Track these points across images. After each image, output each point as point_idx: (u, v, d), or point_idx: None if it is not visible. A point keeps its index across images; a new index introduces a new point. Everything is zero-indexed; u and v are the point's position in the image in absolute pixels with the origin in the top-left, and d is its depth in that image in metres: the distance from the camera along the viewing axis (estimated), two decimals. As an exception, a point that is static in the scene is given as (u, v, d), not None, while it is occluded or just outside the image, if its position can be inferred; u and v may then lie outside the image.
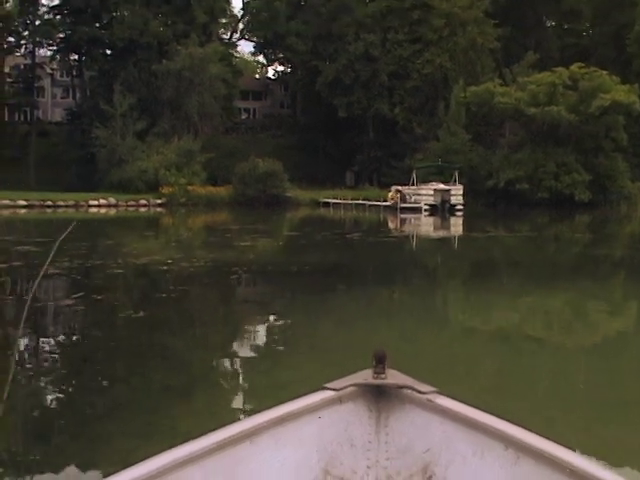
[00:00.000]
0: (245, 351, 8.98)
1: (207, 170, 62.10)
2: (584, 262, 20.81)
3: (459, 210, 51.84)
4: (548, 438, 2.43)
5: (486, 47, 70.48)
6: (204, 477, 2.39)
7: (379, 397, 2.88)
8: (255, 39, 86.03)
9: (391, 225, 41.51)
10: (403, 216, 47.38)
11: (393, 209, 51.75)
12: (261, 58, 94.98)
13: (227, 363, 8.35)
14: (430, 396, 2.76)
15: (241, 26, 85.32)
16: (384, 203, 54.31)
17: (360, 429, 2.83)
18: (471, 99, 60.73)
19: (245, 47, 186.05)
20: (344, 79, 70.60)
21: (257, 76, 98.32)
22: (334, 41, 72.39)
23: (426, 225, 42.33)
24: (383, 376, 2.84)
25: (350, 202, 57.07)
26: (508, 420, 2.56)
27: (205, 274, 15.81)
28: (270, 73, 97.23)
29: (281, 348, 9.11)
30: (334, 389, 2.82)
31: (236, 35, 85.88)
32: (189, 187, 58.98)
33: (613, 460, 5.00)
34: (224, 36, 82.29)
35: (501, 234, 33.50)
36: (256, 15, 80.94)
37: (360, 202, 56.94)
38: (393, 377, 2.86)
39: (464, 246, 27.81)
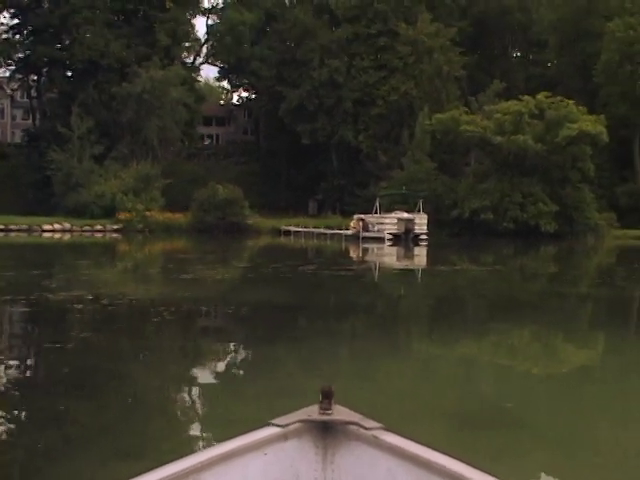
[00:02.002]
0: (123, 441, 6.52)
1: (167, 196, 60.55)
2: (554, 300, 19.28)
3: (423, 240, 50.76)
4: (491, 474, 2.36)
5: (452, 75, 69.85)
6: None
7: (325, 433, 2.81)
8: (219, 63, 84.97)
9: (352, 255, 39.97)
10: (365, 245, 46.07)
11: (355, 238, 50.48)
12: (225, 84, 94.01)
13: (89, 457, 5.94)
14: (376, 432, 2.72)
15: (205, 50, 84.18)
16: (346, 232, 53.03)
17: (306, 466, 2.77)
18: (436, 127, 59.77)
19: (210, 73, 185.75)
20: (308, 105, 69.56)
21: (222, 102, 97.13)
22: (298, 67, 71.28)
23: (389, 255, 40.91)
24: (329, 412, 2.77)
25: (312, 230, 55.74)
26: (452, 456, 2.48)
27: (122, 316, 13.75)
28: (235, 99, 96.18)
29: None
30: (279, 425, 2.74)
31: (199, 59, 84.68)
32: (147, 213, 57.44)
33: None
34: (187, 60, 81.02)
35: (467, 267, 31.96)
36: (220, 39, 79.92)
37: (322, 231, 55.48)
38: (339, 413, 2.80)
39: (429, 282, 25.76)
